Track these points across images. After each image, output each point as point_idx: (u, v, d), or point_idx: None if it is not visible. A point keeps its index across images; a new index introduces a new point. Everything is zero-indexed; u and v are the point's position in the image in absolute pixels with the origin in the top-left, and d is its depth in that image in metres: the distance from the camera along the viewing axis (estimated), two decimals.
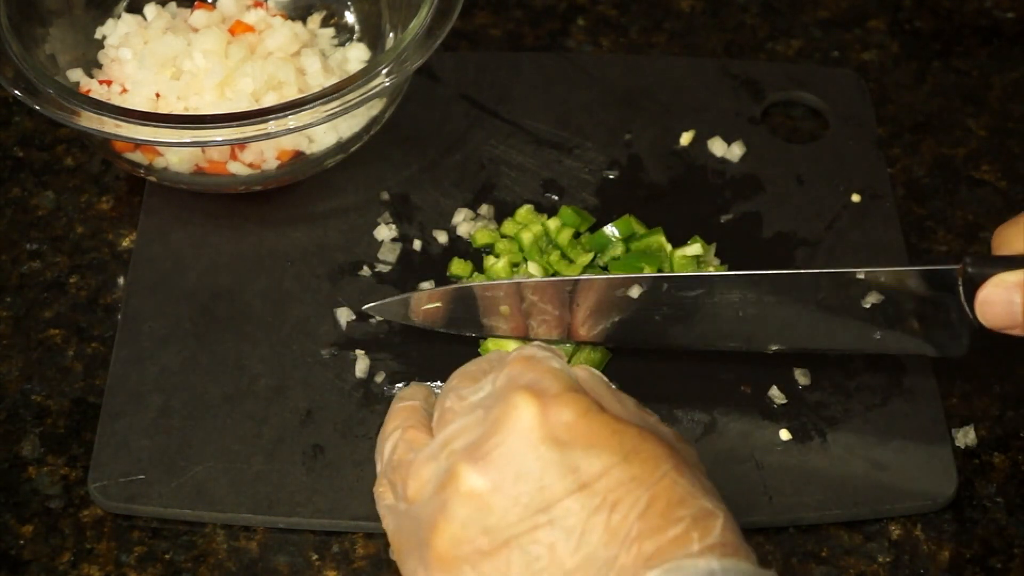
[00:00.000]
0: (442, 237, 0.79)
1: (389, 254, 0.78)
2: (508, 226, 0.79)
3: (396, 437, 0.60)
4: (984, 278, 0.63)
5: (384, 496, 0.60)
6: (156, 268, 0.78)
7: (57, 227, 0.81)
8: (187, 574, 0.67)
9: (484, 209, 0.80)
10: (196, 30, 0.82)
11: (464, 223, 0.79)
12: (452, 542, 0.55)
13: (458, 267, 0.77)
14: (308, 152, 0.79)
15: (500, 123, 0.85)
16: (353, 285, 0.77)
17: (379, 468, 0.61)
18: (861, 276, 0.67)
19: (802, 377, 0.73)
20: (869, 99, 0.87)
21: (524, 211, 0.79)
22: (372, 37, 0.85)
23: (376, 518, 0.68)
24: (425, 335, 0.74)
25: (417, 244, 0.79)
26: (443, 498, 0.55)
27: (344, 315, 0.75)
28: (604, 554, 0.53)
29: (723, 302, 0.70)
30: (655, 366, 0.73)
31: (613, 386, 0.61)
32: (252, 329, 0.75)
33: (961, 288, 0.65)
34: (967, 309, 0.65)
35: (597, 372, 0.61)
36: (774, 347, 0.71)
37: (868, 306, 0.68)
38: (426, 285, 0.77)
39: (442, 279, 0.77)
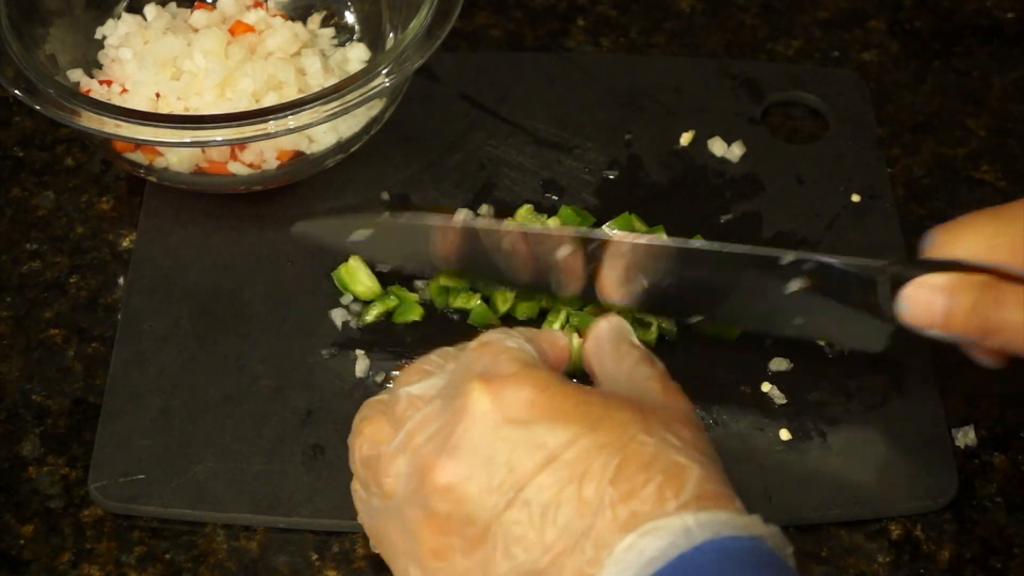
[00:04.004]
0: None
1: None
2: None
3: (359, 434, 0.60)
4: (908, 278, 0.64)
5: (358, 492, 0.61)
6: (156, 268, 0.78)
7: (57, 227, 0.81)
8: (187, 574, 0.67)
9: (484, 209, 0.80)
10: (196, 30, 0.82)
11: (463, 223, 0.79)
12: (440, 536, 0.55)
13: None
14: (308, 152, 0.79)
15: (500, 123, 0.85)
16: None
17: (352, 467, 0.61)
18: (788, 260, 0.67)
19: (782, 364, 0.73)
20: (869, 99, 0.87)
21: (524, 211, 0.79)
22: (372, 37, 0.85)
23: None
24: (425, 335, 0.74)
25: None
26: (423, 495, 0.56)
27: (339, 316, 0.75)
28: (580, 524, 0.53)
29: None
30: None
31: (634, 337, 0.62)
32: (252, 329, 0.75)
33: (886, 286, 0.65)
34: (887, 307, 0.65)
35: (617, 320, 0.63)
36: (695, 318, 0.72)
37: (790, 292, 0.68)
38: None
39: None
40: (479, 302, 0.75)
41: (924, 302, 0.64)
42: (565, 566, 0.53)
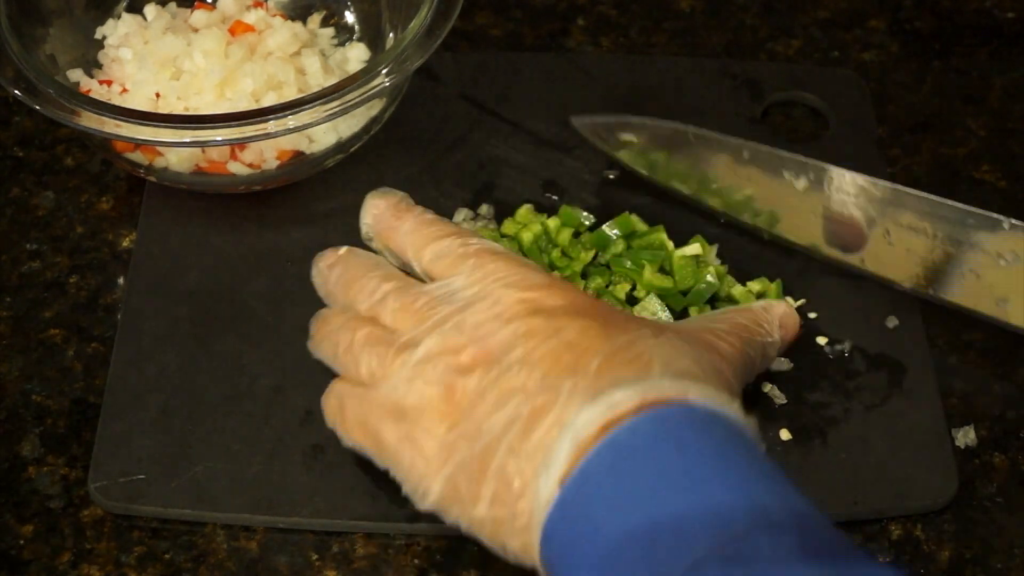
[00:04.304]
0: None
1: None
2: (508, 226, 0.79)
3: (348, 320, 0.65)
4: None
5: (346, 391, 0.64)
6: (156, 268, 0.78)
7: (57, 227, 0.81)
8: (187, 574, 0.67)
9: (484, 209, 0.80)
10: (196, 30, 0.82)
11: (464, 223, 0.79)
12: (435, 437, 0.59)
13: None
14: (308, 152, 0.79)
15: (500, 123, 0.85)
16: None
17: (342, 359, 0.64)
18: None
19: (783, 364, 0.73)
20: (869, 99, 0.87)
21: (524, 211, 0.79)
22: (372, 37, 0.85)
23: (376, 518, 0.68)
24: None
25: None
26: (444, 372, 0.59)
27: None
28: (567, 383, 0.56)
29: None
30: None
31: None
32: (252, 329, 0.75)
33: None
34: None
35: None
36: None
37: None
38: None
39: None
40: None
41: None
42: (544, 414, 0.56)
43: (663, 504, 0.51)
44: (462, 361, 0.59)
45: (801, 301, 0.76)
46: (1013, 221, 0.70)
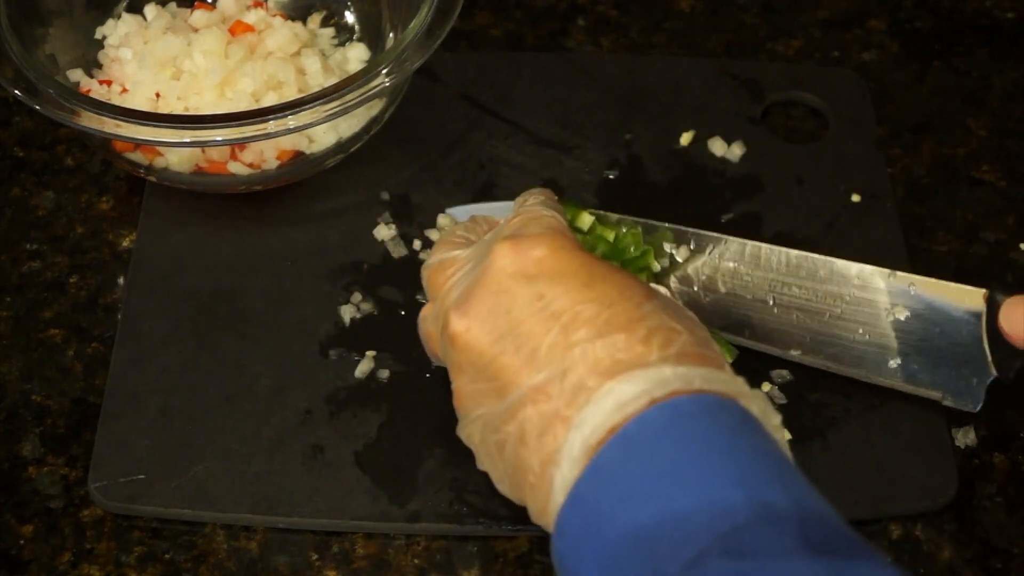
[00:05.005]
0: (436, 236, 0.79)
1: (390, 253, 0.78)
2: None
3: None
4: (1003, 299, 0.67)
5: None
6: (156, 268, 0.78)
7: (57, 227, 0.81)
8: (187, 574, 0.67)
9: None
10: (196, 30, 0.82)
11: (449, 226, 0.79)
12: (463, 385, 0.61)
13: None
14: (308, 152, 0.79)
15: (500, 123, 0.85)
16: (354, 284, 0.77)
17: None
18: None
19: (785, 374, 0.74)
20: (869, 99, 0.87)
21: None
22: (372, 37, 0.85)
23: (376, 518, 0.68)
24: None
25: (417, 244, 0.79)
26: (447, 348, 0.61)
27: (348, 312, 0.75)
28: (561, 367, 0.56)
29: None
30: None
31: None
32: (252, 329, 0.75)
33: (984, 316, 0.67)
34: (986, 345, 0.68)
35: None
36: (795, 353, 0.73)
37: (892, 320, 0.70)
38: None
39: None
40: None
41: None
42: (545, 407, 0.56)
43: (669, 499, 0.51)
44: (454, 329, 0.60)
45: None
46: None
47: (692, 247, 0.74)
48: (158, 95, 0.79)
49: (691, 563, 0.48)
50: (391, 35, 0.84)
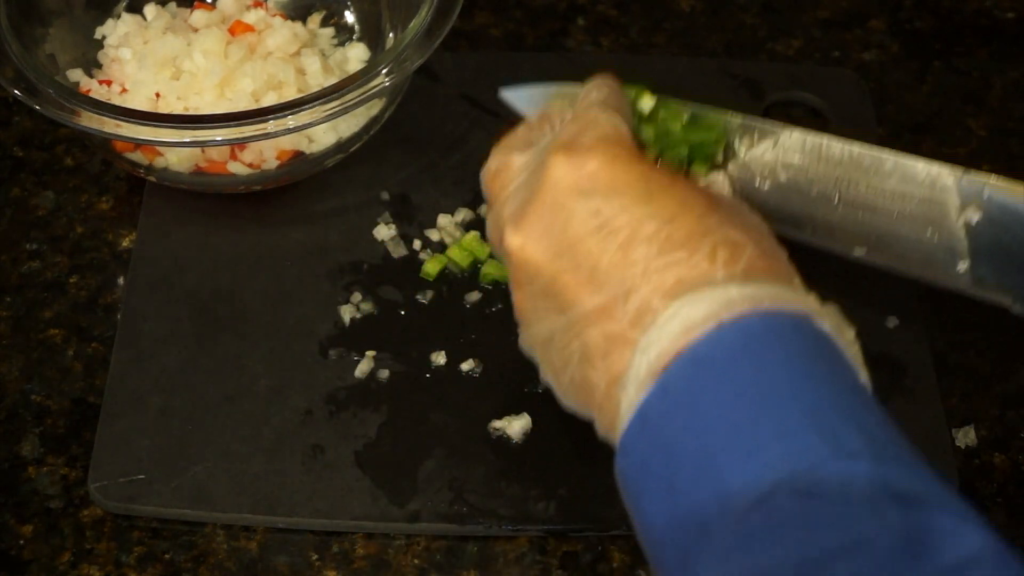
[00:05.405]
0: (436, 236, 0.79)
1: (390, 253, 0.78)
2: None
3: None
4: None
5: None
6: (156, 268, 0.78)
7: (57, 227, 0.81)
8: (187, 574, 0.67)
9: (484, 209, 0.80)
10: (196, 30, 0.82)
11: (449, 226, 0.79)
12: (522, 299, 0.59)
13: (432, 266, 0.77)
14: (308, 152, 0.79)
15: (500, 123, 0.85)
16: (354, 284, 0.77)
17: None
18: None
19: None
20: (869, 99, 0.87)
21: None
22: (372, 37, 0.85)
23: (376, 518, 0.68)
24: (425, 335, 0.74)
25: (417, 244, 0.79)
26: (507, 265, 0.59)
27: (348, 312, 0.75)
28: (623, 287, 0.54)
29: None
30: None
31: None
32: (252, 329, 0.75)
33: None
34: None
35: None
36: (859, 251, 0.67)
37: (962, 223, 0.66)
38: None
39: None
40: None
41: None
42: (608, 328, 0.54)
43: (737, 429, 0.49)
44: (510, 244, 0.59)
45: None
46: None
47: (756, 137, 0.69)
48: (158, 95, 0.79)
49: (761, 499, 0.47)
50: (391, 35, 0.84)
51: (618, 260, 0.55)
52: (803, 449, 0.48)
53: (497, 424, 0.71)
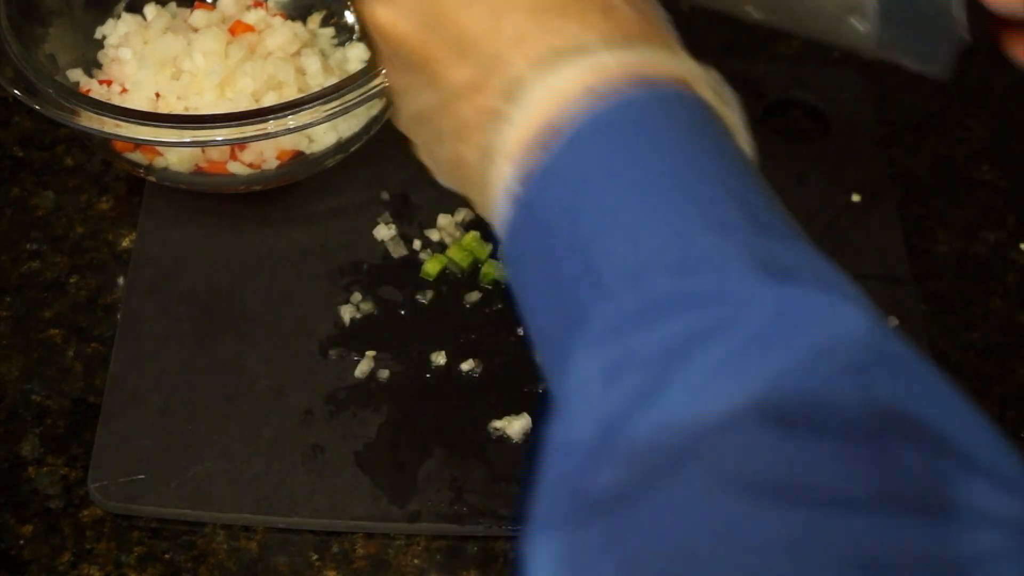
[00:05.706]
0: (436, 236, 0.79)
1: (390, 253, 0.78)
2: None
3: None
4: None
5: None
6: (156, 268, 0.78)
7: (57, 227, 0.81)
8: (187, 574, 0.67)
9: None
10: (196, 30, 0.82)
11: (449, 226, 0.79)
12: (392, 77, 0.55)
13: (432, 266, 0.77)
14: (308, 152, 0.79)
15: None
16: (354, 284, 0.77)
17: None
18: None
19: None
20: (869, 99, 0.87)
21: None
22: None
23: (376, 518, 0.68)
24: (425, 335, 0.74)
25: (417, 244, 0.79)
26: (375, 42, 0.55)
27: (348, 312, 0.75)
28: (493, 60, 0.50)
29: None
30: None
31: None
32: (252, 329, 0.75)
33: None
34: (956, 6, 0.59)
35: None
36: (749, 8, 0.64)
37: None
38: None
39: None
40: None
41: None
42: (479, 101, 0.51)
43: (611, 209, 0.46)
44: (375, 16, 0.54)
45: None
46: None
47: None
48: (158, 95, 0.79)
49: (635, 278, 0.44)
50: None
51: (488, 29, 0.51)
52: (683, 231, 0.45)
53: (497, 424, 0.71)
